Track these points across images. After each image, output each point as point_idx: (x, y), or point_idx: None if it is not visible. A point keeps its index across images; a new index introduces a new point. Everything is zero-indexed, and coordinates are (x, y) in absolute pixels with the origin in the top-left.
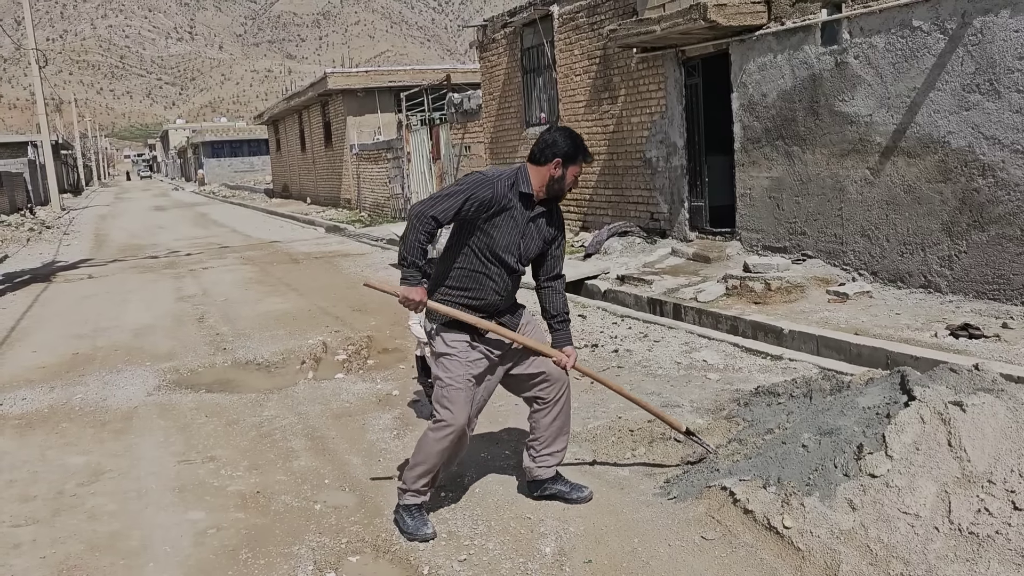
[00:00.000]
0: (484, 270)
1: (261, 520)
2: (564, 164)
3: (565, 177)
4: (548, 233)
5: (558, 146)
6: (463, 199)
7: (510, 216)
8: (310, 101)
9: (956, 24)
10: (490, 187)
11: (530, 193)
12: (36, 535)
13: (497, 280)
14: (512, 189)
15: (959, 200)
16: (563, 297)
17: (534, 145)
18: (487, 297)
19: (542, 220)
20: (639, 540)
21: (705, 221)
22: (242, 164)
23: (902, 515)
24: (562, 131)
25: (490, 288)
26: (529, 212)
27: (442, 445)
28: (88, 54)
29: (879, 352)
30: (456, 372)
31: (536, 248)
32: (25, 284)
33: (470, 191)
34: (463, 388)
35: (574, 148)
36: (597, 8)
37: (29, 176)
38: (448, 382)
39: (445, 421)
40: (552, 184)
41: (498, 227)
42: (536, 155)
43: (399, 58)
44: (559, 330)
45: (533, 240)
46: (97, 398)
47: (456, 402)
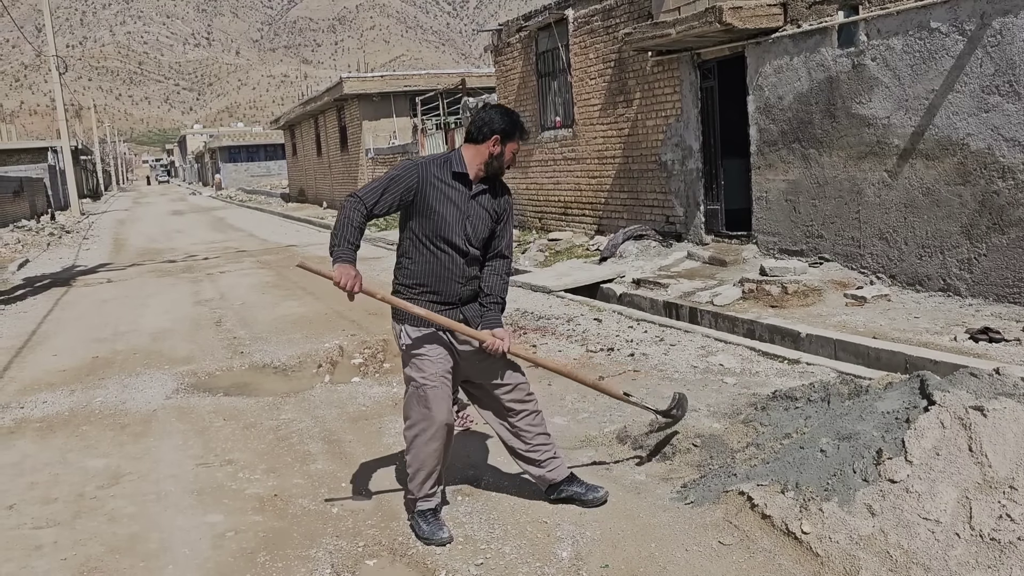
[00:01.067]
0: (434, 258)
1: (279, 523)
2: (502, 140)
3: (504, 154)
4: (494, 209)
5: (495, 123)
6: (387, 181)
7: (446, 197)
8: (326, 106)
9: (975, 25)
10: (415, 170)
11: (464, 172)
12: (57, 537)
13: (451, 267)
14: (444, 169)
15: (978, 203)
16: (500, 278)
17: (469, 124)
18: (448, 287)
19: (485, 197)
20: (656, 545)
21: (721, 224)
22: (259, 169)
23: (922, 521)
24: (498, 108)
25: (445, 276)
26: (468, 191)
27: (432, 446)
28: (107, 60)
29: (898, 356)
30: (430, 371)
31: (486, 228)
32: (46, 288)
33: (394, 175)
34: (439, 385)
35: (511, 124)
36: (612, 12)
37: (49, 181)
38: (423, 382)
39: (428, 421)
40: (491, 162)
41: (436, 210)
42: (473, 133)
43: (414, 62)
44: (488, 310)
45: (480, 219)
46: (116, 401)
47: (435, 400)
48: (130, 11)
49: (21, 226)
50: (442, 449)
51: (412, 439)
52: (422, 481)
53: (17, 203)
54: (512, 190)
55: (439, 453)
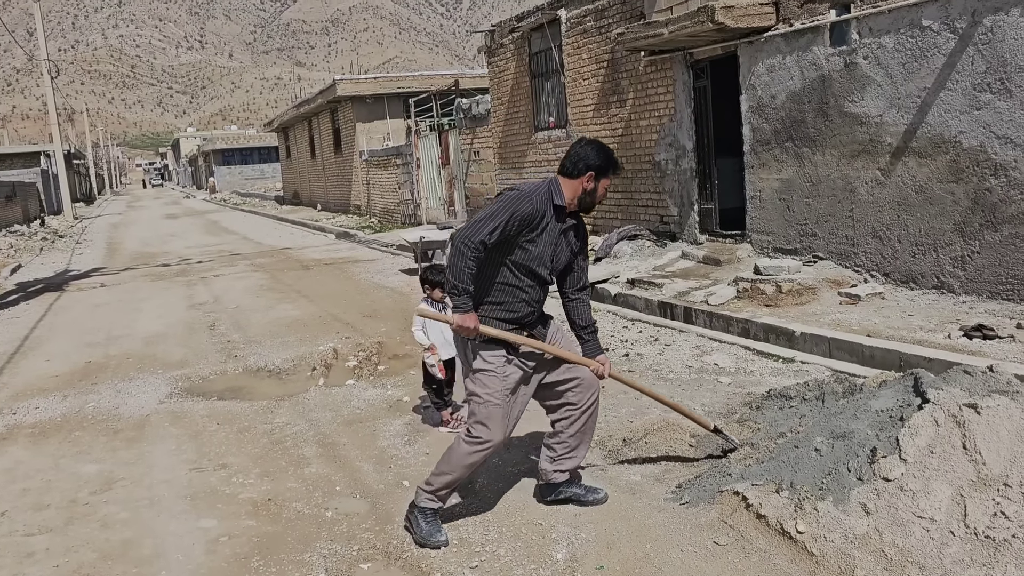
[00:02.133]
0: (519, 283)
1: (273, 528)
2: (596, 177)
3: (597, 190)
4: (576, 244)
5: (590, 159)
6: (507, 217)
7: (545, 230)
8: (320, 108)
9: (966, 23)
10: (530, 202)
11: (563, 205)
12: (49, 544)
13: (531, 292)
14: (547, 203)
15: (971, 200)
16: (589, 308)
17: (565, 158)
18: (522, 310)
19: (571, 232)
20: (651, 546)
21: (715, 224)
22: (253, 171)
23: (917, 519)
24: (593, 144)
25: (524, 300)
26: (561, 224)
27: (474, 459)
28: (99, 64)
29: (892, 354)
30: (494, 388)
31: (565, 260)
32: (38, 293)
33: (512, 208)
34: (501, 404)
35: (606, 161)
36: (605, 12)
37: (42, 186)
38: (486, 398)
39: (482, 437)
40: (584, 197)
41: (535, 242)
42: (568, 168)
43: (408, 64)
44: (589, 341)
45: (563, 252)
46: (110, 406)
47: (494, 418)
48: (122, 14)
49: (14, 231)
50: (477, 465)
51: (460, 443)
52: (444, 483)
53: (10, 208)
54: None
55: (473, 468)
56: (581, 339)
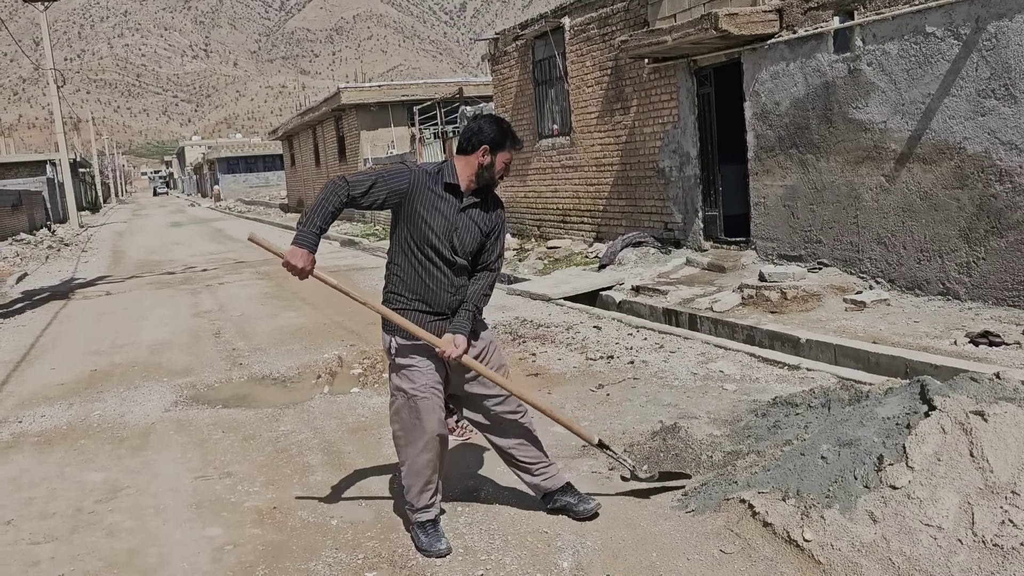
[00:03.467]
0: (421, 267)
1: (278, 536)
2: (492, 151)
3: (495, 164)
4: (484, 223)
5: (484, 133)
6: (376, 177)
7: (435, 207)
8: (324, 116)
9: (970, 29)
10: (406, 176)
11: (455, 183)
12: (55, 552)
13: (439, 277)
14: (435, 179)
15: (976, 206)
16: (481, 292)
17: (460, 134)
18: (437, 297)
19: (476, 210)
20: (657, 554)
21: (719, 230)
22: (257, 179)
23: (924, 527)
24: (488, 118)
25: (432, 285)
26: (459, 202)
27: (425, 456)
28: (105, 73)
29: (898, 361)
30: (420, 382)
31: (474, 240)
32: (44, 301)
33: (385, 175)
34: (429, 396)
35: (501, 134)
36: (608, 19)
37: (48, 194)
38: (413, 392)
39: (419, 432)
40: (482, 172)
41: (424, 218)
42: (463, 144)
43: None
44: (459, 315)
45: (469, 231)
46: (115, 414)
47: (426, 411)
48: (128, 24)
49: (20, 239)
50: (436, 460)
51: (404, 450)
52: (419, 492)
53: (16, 216)
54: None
55: (433, 464)
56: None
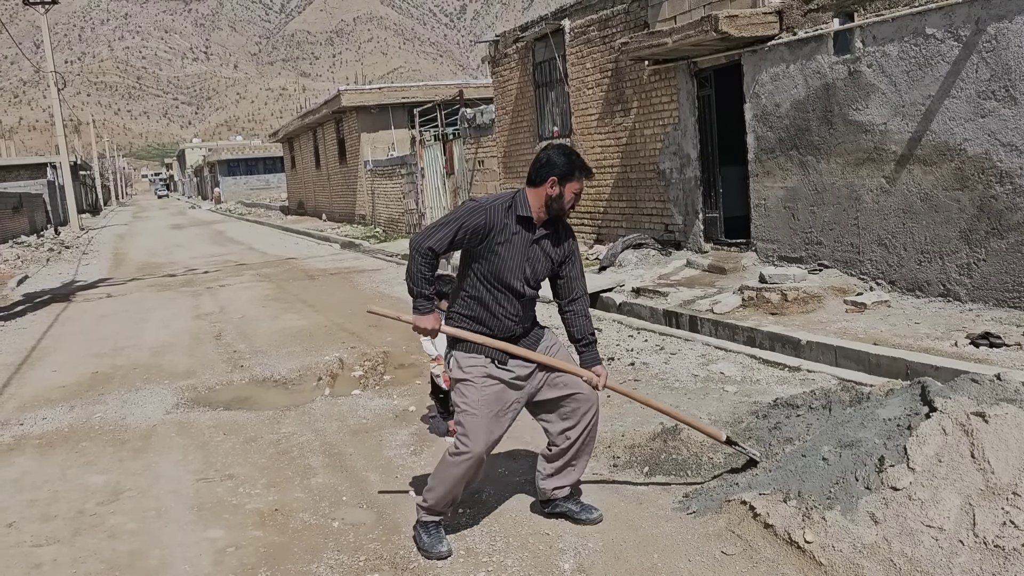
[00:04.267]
0: (490, 296)
1: (279, 538)
2: (560, 182)
3: (563, 195)
4: (556, 254)
5: (552, 164)
6: (456, 227)
7: (509, 242)
8: (324, 118)
9: (970, 31)
10: (483, 214)
11: (528, 216)
12: (57, 555)
13: (505, 305)
14: (509, 213)
15: (977, 208)
16: (586, 319)
17: (530, 166)
18: (499, 323)
19: (547, 241)
20: (659, 556)
21: (720, 232)
22: (258, 182)
23: (926, 528)
24: (557, 149)
25: (499, 314)
26: (531, 235)
27: (458, 471)
28: (106, 75)
29: (898, 362)
30: (472, 398)
31: (545, 270)
32: (45, 304)
33: (462, 219)
34: (479, 415)
35: (569, 165)
36: (608, 21)
37: (48, 197)
38: (464, 408)
39: (460, 449)
40: (551, 203)
41: (498, 253)
42: (532, 176)
43: (412, 74)
44: (585, 352)
45: (539, 262)
46: (116, 417)
47: (472, 429)
48: (128, 26)
49: (20, 242)
50: (467, 478)
51: (444, 457)
52: (437, 497)
53: (16, 219)
54: None
55: (462, 481)
56: (578, 351)
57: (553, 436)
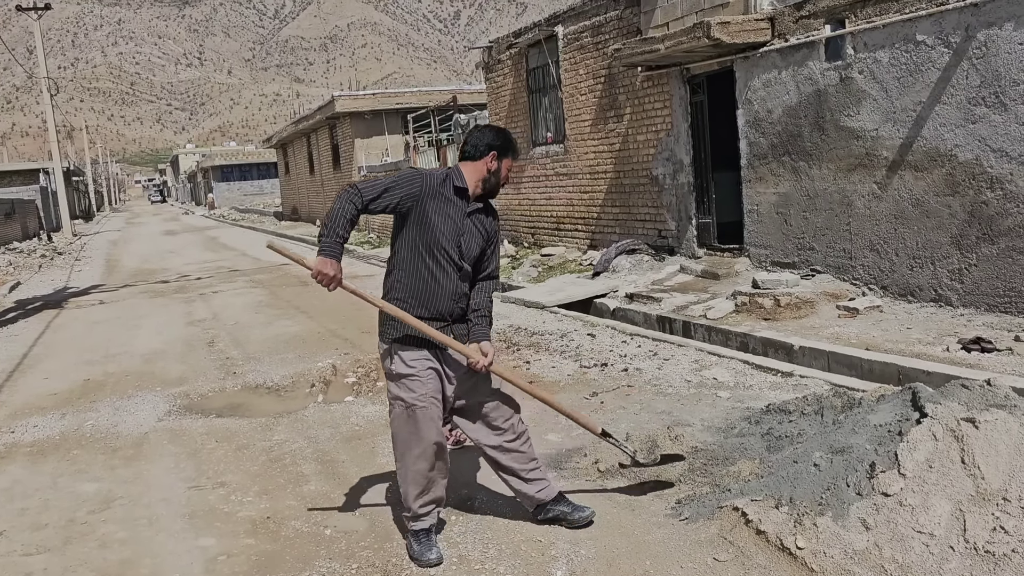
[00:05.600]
0: (426, 269)
1: (271, 546)
2: (499, 157)
3: (500, 170)
4: (486, 229)
5: (490, 139)
6: (390, 183)
7: (444, 211)
8: (318, 124)
9: (960, 38)
10: (418, 180)
11: (464, 187)
12: (47, 564)
13: (444, 282)
14: (444, 183)
15: (968, 213)
16: (488, 297)
17: (464, 143)
18: (440, 303)
19: (480, 215)
20: (651, 562)
21: (713, 238)
22: (252, 187)
23: (916, 534)
24: (492, 127)
25: (439, 292)
26: (466, 207)
27: (420, 465)
28: (99, 81)
29: (891, 367)
30: (420, 391)
31: (477, 246)
32: (37, 311)
33: (398, 178)
34: (428, 406)
35: (506, 141)
36: (602, 28)
37: (41, 203)
38: (412, 401)
39: (416, 440)
40: (489, 178)
41: (433, 221)
42: (469, 151)
43: (406, 80)
44: (476, 324)
45: (474, 237)
46: (108, 424)
47: (424, 420)
48: (122, 32)
49: (13, 248)
50: (432, 469)
51: (401, 458)
52: (414, 499)
53: (9, 225)
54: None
55: (429, 473)
56: (469, 321)
57: (490, 451)
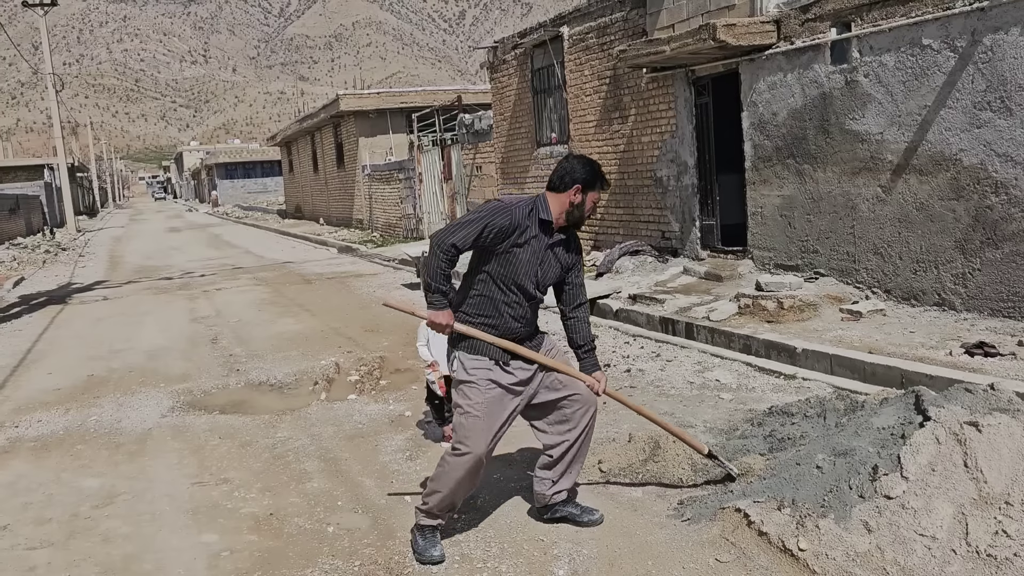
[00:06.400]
0: (502, 297)
1: (274, 543)
2: (584, 190)
3: (584, 203)
4: (566, 260)
5: (577, 172)
6: (481, 226)
7: (528, 245)
8: (322, 123)
9: (966, 42)
10: (508, 214)
11: (549, 220)
12: (51, 558)
13: (515, 307)
14: (530, 216)
15: (972, 217)
16: (587, 325)
17: (553, 173)
18: (506, 324)
19: (560, 248)
20: (653, 563)
21: (717, 240)
22: (255, 185)
23: (919, 537)
24: (580, 158)
25: (508, 315)
26: (548, 239)
27: (458, 473)
28: (104, 78)
29: (894, 371)
30: (475, 400)
31: (554, 275)
32: (41, 306)
33: (488, 219)
34: (481, 416)
35: (592, 175)
36: (607, 29)
37: (45, 199)
38: (467, 409)
39: (462, 449)
40: (572, 211)
41: (515, 255)
42: (555, 182)
43: (411, 79)
44: (586, 358)
45: (551, 267)
46: (111, 420)
47: (475, 431)
48: (127, 29)
49: (17, 243)
50: (467, 481)
51: (444, 459)
52: (437, 501)
53: (13, 221)
54: None
55: (463, 483)
56: (578, 357)
57: (550, 443)
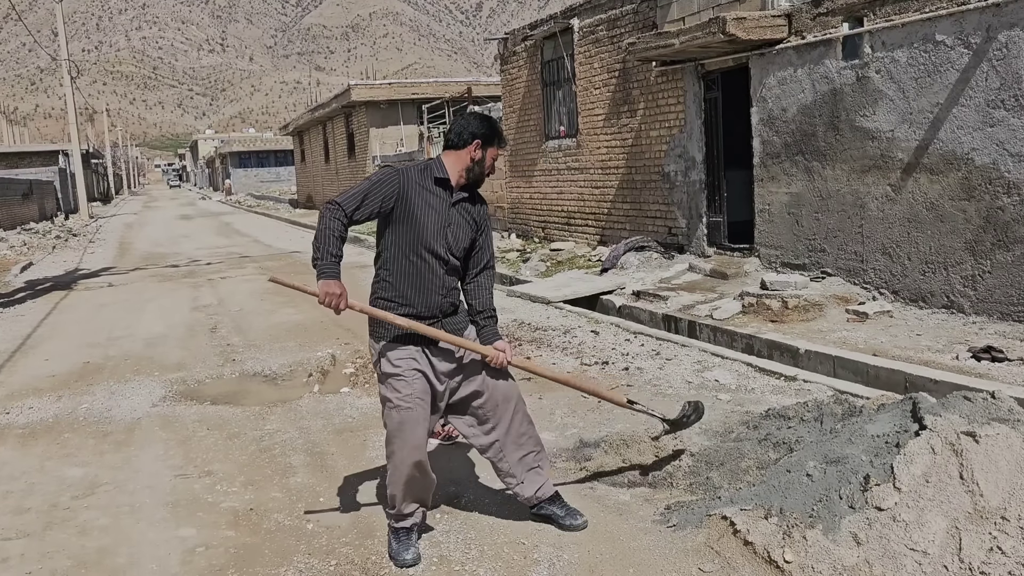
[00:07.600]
0: (413, 268)
1: (251, 539)
2: (483, 146)
3: (484, 160)
4: (476, 216)
5: (475, 127)
6: (367, 186)
7: (427, 204)
8: (334, 113)
9: (980, 39)
10: (395, 179)
11: (445, 177)
12: (25, 549)
13: (431, 277)
14: (424, 175)
15: (983, 218)
16: (490, 292)
17: (448, 132)
18: (428, 299)
19: (466, 204)
20: (634, 570)
21: (723, 237)
22: (268, 174)
23: (909, 552)
24: (476, 115)
25: (426, 288)
26: (449, 197)
27: (404, 471)
28: (122, 65)
29: (897, 374)
30: (405, 392)
31: (467, 237)
32: (46, 292)
33: (374, 179)
34: (413, 407)
35: (491, 129)
36: (617, 22)
37: (59, 184)
38: (398, 403)
39: (400, 442)
40: (473, 167)
41: (417, 218)
42: (453, 140)
43: (426, 70)
44: (485, 326)
45: (460, 227)
46: (102, 408)
47: (408, 422)
48: (145, 16)
49: (28, 228)
50: (416, 477)
51: (390, 458)
52: (395, 501)
53: (26, 206)
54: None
55: (410, 480)
56: (476, 324)
57: (481, 445)
